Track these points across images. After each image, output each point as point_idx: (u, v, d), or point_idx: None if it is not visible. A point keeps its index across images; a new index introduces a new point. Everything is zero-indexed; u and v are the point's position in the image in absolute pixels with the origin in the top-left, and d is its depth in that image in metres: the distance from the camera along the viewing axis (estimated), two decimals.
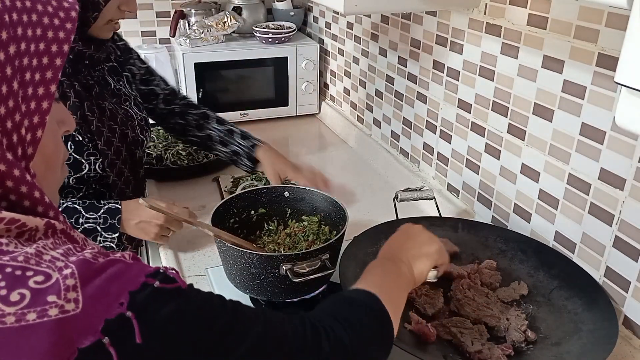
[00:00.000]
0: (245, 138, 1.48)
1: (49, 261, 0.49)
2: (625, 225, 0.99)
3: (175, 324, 0.51)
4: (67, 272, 0.48)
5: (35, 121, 0.54)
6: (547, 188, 1.16)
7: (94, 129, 1.19)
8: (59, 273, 0.48)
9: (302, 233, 1.23)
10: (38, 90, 0.54)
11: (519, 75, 1.19)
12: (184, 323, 0.51)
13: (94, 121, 1.19)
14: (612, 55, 0.97)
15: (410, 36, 1.59)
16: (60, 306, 0.46)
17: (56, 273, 0.48)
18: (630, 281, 1.00)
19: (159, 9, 2.29)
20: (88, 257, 0.50)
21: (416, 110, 1.62)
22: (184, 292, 0.54)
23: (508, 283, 1.11)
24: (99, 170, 1.21)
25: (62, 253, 0.51)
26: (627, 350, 1.00)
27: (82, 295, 0.47)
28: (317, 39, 2.26)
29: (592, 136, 1.04)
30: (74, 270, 0.48)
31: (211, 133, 1.49)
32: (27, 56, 0.53)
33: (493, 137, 1.31)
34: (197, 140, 1.52)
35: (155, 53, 2.12)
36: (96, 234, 1.17)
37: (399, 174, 1.68)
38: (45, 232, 0.53)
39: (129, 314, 0.48)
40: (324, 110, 2.23)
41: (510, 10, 1.19)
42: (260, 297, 1.13)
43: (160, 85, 1.47)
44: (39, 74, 0.54)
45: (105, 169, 1.22)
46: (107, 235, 1.18)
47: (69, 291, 0.47)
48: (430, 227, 1.23)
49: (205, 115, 1.52)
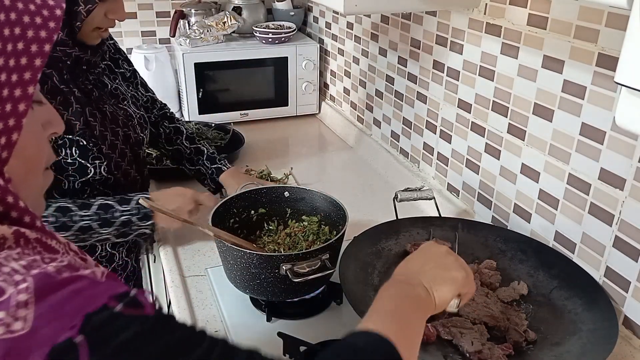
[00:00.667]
0: (211, 160, 1.51)
1: (7, 274, 0.45)
2: (625, 225, 0.99)
3: (129, 354, 0.45)
4: (22, 286, 0.44)
5: (11, 124, 0.51)
6: (547, 188, 1.16)
7: (97, 134, 1.19)
8: (14, 287, 0.44)
9: (302, 233, 1.23)
10: (14, 92, 0.51)
11: (519, 75, 1.19)
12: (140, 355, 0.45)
13: (96, 126, 1.19)
14: (612, 55, 0.97)
15: (410, 36, 1.59)
16: (7, 324, 0.42)
17: (12, 287, 0.44)
18: (630, 281, 1.00)
19: (159, 9, 2.29)
20: (50, 271, 0.46)
21: (416, 110, 1.62)
22: (149, 319, 0.47)
23: (508, 283, 1.11)
24: (104, 174, 1.21)
25: (25, 265, 0.46)
26: (627, 350, 1.00)
27: (33, 314, 0.43)
28: (317, 39, 2.26)
29: (592, 136, 1.04)
30: (30, 284, 0.44)
31: (179, 149, 1.52)
32: (2, 56, 0.50)
33: (493, 137, 1.31)
34: (166, 153, 1.55)
35: (155, 53, 2.12)
36: (131, 224, 1.20)
37: (399, 174, 1.68)
38: (16, 240, 0.50)
39: (79, 339, 0.43)
40: (324, 110, 2.23)
41: (510, 10, 1.19)
42: (260, 297, 1.13)
43: (140, 91, 1.47)
44: (16, 75, 0.51)
45: (111, 172, 1.22)
46: (142, 223, 1.21)
47: (20, 308, 0.43)
48: (430, 227, 1.24)
49: (177, 130, 1.53)
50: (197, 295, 1.19)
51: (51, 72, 1.13)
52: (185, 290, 1.20)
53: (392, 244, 1.19)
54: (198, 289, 1.21)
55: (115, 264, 1.35)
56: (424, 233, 1.24)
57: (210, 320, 1.11)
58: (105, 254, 1.31)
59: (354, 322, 1.04)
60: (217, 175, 1.49)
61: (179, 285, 1.21)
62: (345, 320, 1.10)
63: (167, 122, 1.53)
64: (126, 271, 1.39)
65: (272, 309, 1.12)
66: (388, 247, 1.18)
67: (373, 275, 1.11)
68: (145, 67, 2.10)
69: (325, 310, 1.14)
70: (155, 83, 2.08)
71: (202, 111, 2.06)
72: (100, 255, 1.30)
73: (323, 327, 1.09)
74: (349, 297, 0.99)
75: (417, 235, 1.23)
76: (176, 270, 1.26)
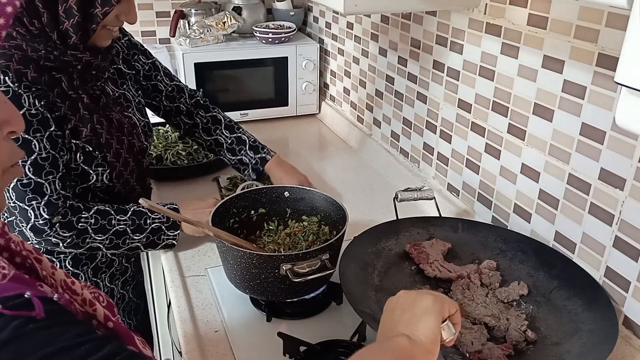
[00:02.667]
0: (254, 149, 1.47)
1: None
2: (625, 225, 0.99)
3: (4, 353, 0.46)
4: None
5: None
6: (547, 188, 1.16)
7: (103, 142, 1.18)
8: None
9: (302, 233, 1.23)
10: None
11: (519, 75, 1.19)
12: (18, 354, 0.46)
13: (103, 133, 1.18)
14: (612, 55, 0.97)
15: (410, 36, 1.59)
16: None
17: None
18: (630, 281, 1.00)
19: (159, 9, 2.29)
20: None
21: (416, 110, 1.62)
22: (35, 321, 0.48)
23: (508, 283, 1.11)
24: (106, 181, 1.21)
25: None
26: (627, 350, 1.00)
27: None
28: (317, 39, 2.26)
29: (592, 136, 1.04)
30: None
31: (219, 139, 1.48)
32: None
33: (493, 137, 1.31)
34: (203, 143, 1.51)
35: (155, 53, 2.10)
36: (161, 233, 1.24)
37: (399, 174, 1.68)
38: None
39: None
40: (324, 110, 2.23)
41: (510, 10, 1.19)
42: (261, 297, 1.13)
43: (164, 81, 1.45)
44: None
45: (112, 180, 1.22)
46: (170, 233, 1.25)
47: None
48: (430, 227, 1.24)
49: (215, 119, 1.49)
50: (197, 295, 1.19)
51: (60, 77, 1.11)
52: (185, 290, 1.20)
53: (392, 244, 1.19)
54: (198, 289, 1.21)
55: (114, 268, 1.35)
56: (424, 233, 1.24)
57: (210, 320, 1.11)
58: (105, 259, 1.31)
59: (354, 322, 1.05)
60: (261, 165, 1.46)
61: (179, 285, 1.21)
62: (345, 320, 1.10)
63: (202, 112, 1.50)
64: (125, 276, 1.39)
65: (272, 309, 1.12)
66: (388, 247, 1.18)
67: (373, 275, 1.11)
68: None
69: (325, 310, 1.14)
70: None
71: None
72: (100, 261, 1.30)
73: (323, 327, 1.09)
74: (349, 297, 0.99)
75: (417, 235, 1.23)
76: (176, 270, 1.26)
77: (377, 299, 1.04)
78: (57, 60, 1.09)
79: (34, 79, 1.07)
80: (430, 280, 1.13)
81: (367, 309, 0.98)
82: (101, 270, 1.32)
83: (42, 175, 1.10)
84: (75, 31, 1.07)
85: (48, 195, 1.11)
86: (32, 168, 1.09)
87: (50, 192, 1.11)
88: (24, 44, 1.06)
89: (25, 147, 1.07)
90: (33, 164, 1.09)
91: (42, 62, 1.08)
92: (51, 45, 1.08)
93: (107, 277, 1.34)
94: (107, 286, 1.35)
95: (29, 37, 1.06)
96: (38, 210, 1.10)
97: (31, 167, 1.09)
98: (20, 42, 1.06)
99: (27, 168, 1.08)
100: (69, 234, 1.14)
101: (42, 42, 1.07)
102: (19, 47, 1.06)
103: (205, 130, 1.49)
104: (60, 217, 1.13)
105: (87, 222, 1.16)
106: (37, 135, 1.08)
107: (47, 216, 1.11)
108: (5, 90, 1.04)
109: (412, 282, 1.13)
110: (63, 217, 1.13)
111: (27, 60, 1.06)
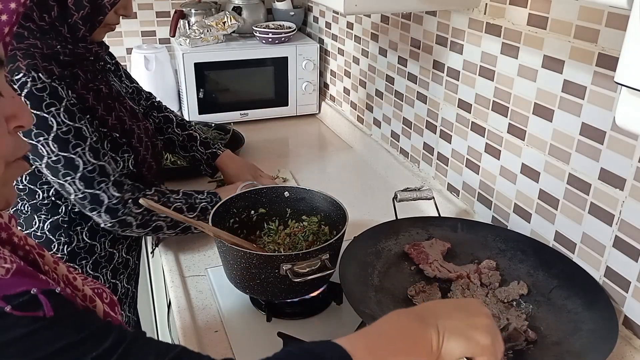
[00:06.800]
0: (205, 145, 1.53)
1: None
2: (625, 225, 0.99)
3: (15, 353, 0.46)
4: None
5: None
6: (547, 188, 1.16)
7: (127, 128, 1.23)
8: None
9: (302, 233, 1.23)
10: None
11: (519, 75, 1.19)
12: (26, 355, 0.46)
13: (126, 120, 1.23)
14: (612, 55, 0.97)
15: (410, 36, 1.59)
16: None
17: None
18: (630, 281, 1.00)
19: (159, 9, 2.29)
20: None
21: (416, 110, 1.62)
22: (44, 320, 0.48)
23: (508, 283, 1.11)
24: (131, 167, 1.25)
25: None
26: (627, 350, 1.00)
27: None
28: (317, 39, 2.26)
29: (592, 136, 1.04)
30: None
31: (172, 137, 1.54)
32: None
33: (493, 137, 1.31)
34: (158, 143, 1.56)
35: (155, 53, 2.12)
36: (208, 212, 1.23)
37: (399, 174, 1.68)
38: None
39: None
40: (324, 110, 2.23)
41: (510, 10, 1.19)
42: (260, 297, 1.13)
43: (125, 82, 1.48)
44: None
45: (137, 165, 1.26)
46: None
47: None
48: (430, 227, 1.24)
49: (167, 119, 1.55)
50: (197, 295, 1.19)
51: (77, 71, 1.15)
52: (185, 290, 1.20)
53: (392, 244, 1.19)
54: (198, 289, 1.21)
55: (115, 262, 1.35)
56: (424, 233, 1.24)
57: (210, 320, 1.11)
58: (105, 253, 1.31)
59: (354, 322, 1.05)
60: (212, 160, 1.52)
61: (179, 285, 1.21)
62: (345, 320, 1.10)
63: (155, 112, 1.55)
64: (127, 269, 1.39)
65: (272, 309, 1.12)
66: (388, 247, 1.18)
67: (373, 275, 1.11)
68: (145, 67, 2.10)
69: (325, 310, 1.14)
70: (155, 83, 2.09)
71: (202, 111, 2.06)
72: (99, 255, 1.30)
73: (323, 327, 1.09)
74: (348, 297, 0.99)
75: (417, 236, 1.23)
76: (176, 270, 1.26)
77: (377, 299, 1.04)
78: (72, 54, 1.12)
79: (60, 74, 1.10)
80: (430, 281, 1.13)
81: (367, 309, 0.98)
82: (101, 264, 1.32)
83: (100, 157, 1.14)
84: (83, 23, 1.11)
85: (112, 175, 1.15)
86: (91, 153, 1.12)
87: (113, 172, 1.16)
88: (38, 42, 1.08)
89: (79, 136, 1.10)
90: (91, 149, 1.12)
91: (61, 57, 1.11)
92: (63, 40, 1.11)
93: (109, 271, 1.34)
94: (109, 281, 1.35)
95: (40, 34, 1.09)
96: (108, 191, 1.14)
97: (91, 153, 1.12)
98: (34, 40, 1.08)
99: (87, 154, 1.11)
100: (139, 211, 1.17)
101: (54, 37, 1.10)
102: (35, 46, 1.08)
103: (158, 130, 1.53)
104: (130, 194, 1.17)
105: (152, 199, 1.18)
106: (81, 122, 1.12)
107: (118, 194, 1.14)
108: (42, 86, 1.06)
109: (412, 282, 1.13)
110: (132, 194, 1.17)
111: (48, 57, 1.09)
